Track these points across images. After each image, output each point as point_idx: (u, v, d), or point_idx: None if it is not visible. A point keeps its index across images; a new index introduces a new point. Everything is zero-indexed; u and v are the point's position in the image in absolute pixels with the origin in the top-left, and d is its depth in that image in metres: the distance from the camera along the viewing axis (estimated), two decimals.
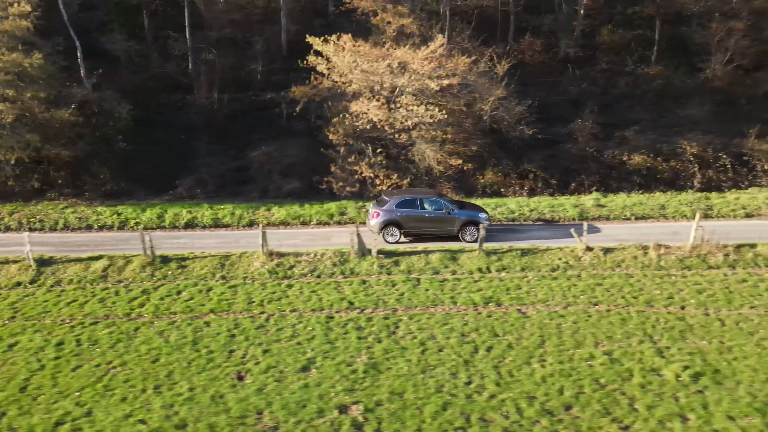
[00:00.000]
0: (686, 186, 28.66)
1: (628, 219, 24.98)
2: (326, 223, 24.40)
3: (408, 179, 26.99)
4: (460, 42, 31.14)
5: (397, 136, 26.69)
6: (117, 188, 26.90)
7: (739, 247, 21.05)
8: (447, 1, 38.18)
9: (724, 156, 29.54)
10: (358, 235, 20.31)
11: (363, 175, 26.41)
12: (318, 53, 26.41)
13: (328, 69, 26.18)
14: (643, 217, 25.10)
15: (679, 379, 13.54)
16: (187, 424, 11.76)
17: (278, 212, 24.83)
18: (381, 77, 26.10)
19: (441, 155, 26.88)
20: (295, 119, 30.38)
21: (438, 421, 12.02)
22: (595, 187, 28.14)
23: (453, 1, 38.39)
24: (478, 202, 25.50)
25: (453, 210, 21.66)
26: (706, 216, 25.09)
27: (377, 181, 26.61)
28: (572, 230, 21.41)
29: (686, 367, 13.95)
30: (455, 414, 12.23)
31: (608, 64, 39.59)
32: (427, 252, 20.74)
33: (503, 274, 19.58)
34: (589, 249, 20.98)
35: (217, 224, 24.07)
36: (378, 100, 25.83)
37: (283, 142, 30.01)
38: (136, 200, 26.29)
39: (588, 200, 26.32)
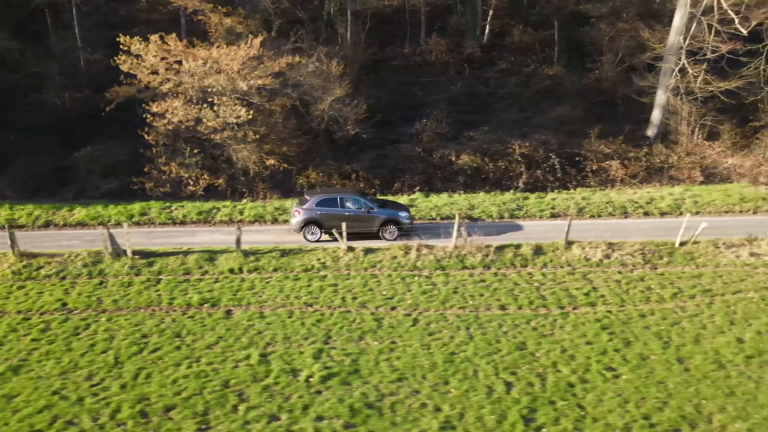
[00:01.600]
0: (512, 186, 28.66)
1: (434, 219, 25.01)
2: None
3: (222, 179, 26.99)
4: (296, 42, 31.07)
5: (212, 136, 26.66)
6: None
7: (502, 247, 21.11)
8: (350, 2, 38.51)
9: (554, 156, 29.55)
10: (111, 236, 20.30)
11: (173, 175, 26.37)
12: (127, 52, 26.32)
13: (131, 68, 26.09)
14: (448, 217, 25.10)
15: (310, 379, 13.58)
16: None
17: (79, 213, 24.79)
18: (192, 77, 26.09)
19: (257, 155, 26.89)
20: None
21: (23, 423, 12.03)
22: (418, 187, 28.14)
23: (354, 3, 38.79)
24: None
25: (373, 208, 21.93)
26: (512, 217, 25.23)
27: (190, 182, 26.57)
28: (334, 230, 21.40)
29: (327, 368, 13.99)
30: (47, 417, 12.25)
31: (510, 64, 39.76)
32: (186, 252, 20.75)
33: (253, 274, 19.59)
34: (350, 249, 21.00)
35: (11, 225, 23.94)
36: (183, 99, 25.79)
37: (121, 141, 29.91)
38: None
39: (401, 201, 26.29)
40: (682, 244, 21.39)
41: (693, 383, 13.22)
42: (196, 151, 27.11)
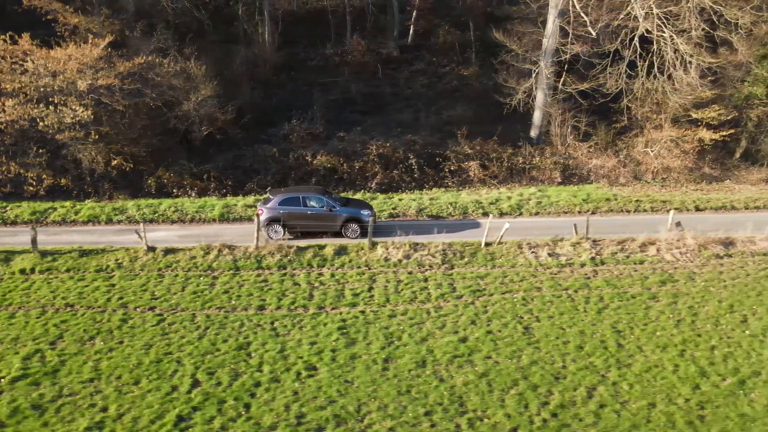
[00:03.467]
0: (366, 186, 28.59)
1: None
2: None
3: (66, 179, 26.85)
4: (164, 43, 31.00)
5: (57, 136, 26.51)
6: None
7: (305, 248, 21.02)
8: (267, 2, 38.52)
9: (412, 156, 29.54)
10: None
11: (10, 174, 26.21)
12: None
13: None
14: None
15: (1, 380, 13.45)
16: None
17: None
18: (31, 76, 25.99)
19: (102, 155, 26.77)
20: None
21: None
22: (270, 188, 28.01)
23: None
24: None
25: (335, 207, 21.93)
26: None
27: (32, 182, 26.41)
28: (136, 230, 21.24)
29: (26, 369, 13.88)
30: None
31: (427, 64, 39.74)
32: None
33: (43, 275, 19.44)
34: (151, 249, 20.88)
35: None
36: (22, 98, 25.67)
37: None
38: None
39: (239, 201, 26.20)
40: (487, 244, 21.38)
41: (378, 382, 13.13)
42: (42, 150, 26.96)
